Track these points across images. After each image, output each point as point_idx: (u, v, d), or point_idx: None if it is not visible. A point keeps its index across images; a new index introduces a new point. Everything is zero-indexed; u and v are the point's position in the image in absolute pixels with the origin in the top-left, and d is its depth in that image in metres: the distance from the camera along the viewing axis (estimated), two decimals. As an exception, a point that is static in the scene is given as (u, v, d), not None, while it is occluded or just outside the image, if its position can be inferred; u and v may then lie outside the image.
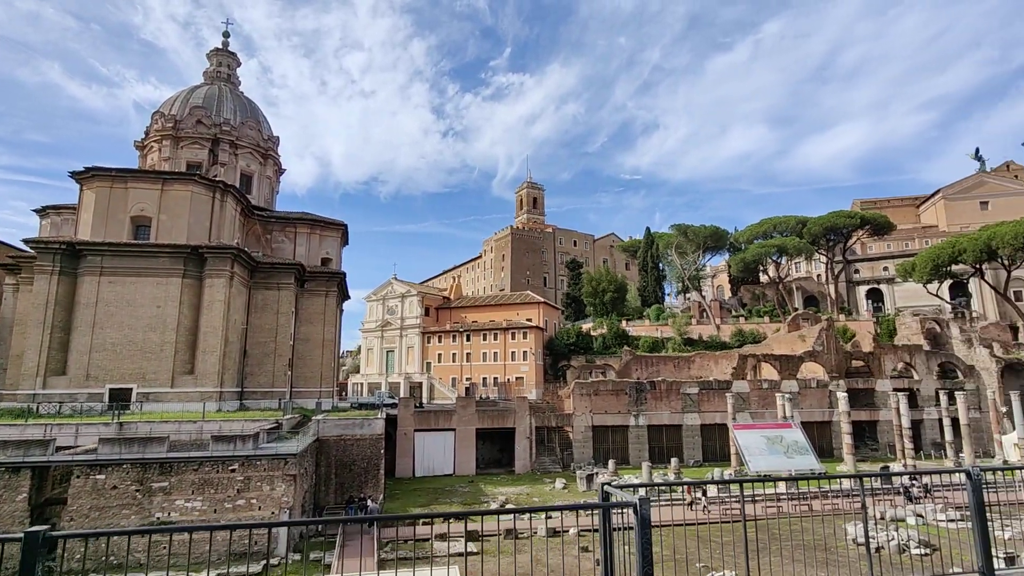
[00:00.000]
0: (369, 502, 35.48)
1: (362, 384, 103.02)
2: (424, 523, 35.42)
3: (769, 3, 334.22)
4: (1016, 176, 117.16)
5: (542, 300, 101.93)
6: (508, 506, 39.59)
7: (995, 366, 62.35)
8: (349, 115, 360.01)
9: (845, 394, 48.63)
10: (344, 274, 66.62)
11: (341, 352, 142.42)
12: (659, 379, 60.59)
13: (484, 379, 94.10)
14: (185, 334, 50.72)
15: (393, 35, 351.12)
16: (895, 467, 48.93)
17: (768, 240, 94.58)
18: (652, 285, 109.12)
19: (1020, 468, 6.90)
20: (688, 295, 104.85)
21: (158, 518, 28.22)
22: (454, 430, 53.97)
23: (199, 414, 41.69)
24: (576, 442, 56.24)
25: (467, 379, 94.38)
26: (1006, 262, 73.87)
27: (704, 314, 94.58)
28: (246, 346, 56.98)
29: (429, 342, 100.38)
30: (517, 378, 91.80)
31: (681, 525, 28.83)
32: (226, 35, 77.33)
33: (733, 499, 37.43)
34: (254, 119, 71.94)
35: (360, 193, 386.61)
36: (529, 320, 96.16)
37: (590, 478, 43.81)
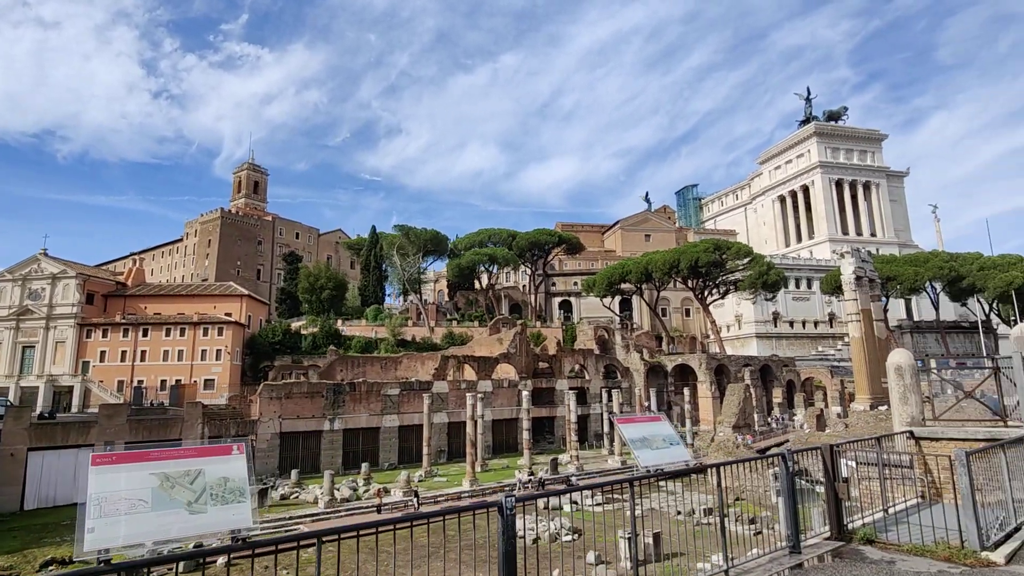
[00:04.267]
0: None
1: (-22, 390, 77.77)
2: (-1, 576, 26.27)
3: (507, 38, 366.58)
4: (669, 217, 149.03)
5: (246, 293, 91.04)
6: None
7: (643, 368, 75.54)
8: (16, 45, 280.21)
9: (528, 393, 52.69)
10: (-63, 239, 48.52)
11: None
12: (361, 380, 58.04)
13: (163, 382, 79.47)
14: None
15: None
16: (564, 458, 54.72)
17: (482, 249, 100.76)
18: (373, 285, 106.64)
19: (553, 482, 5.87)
20: (408, 297, 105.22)
21: None
22: (92, 446, 42.94)
23: None
24: (260, 452, 49.94)
25: (139, 381, 78.61)
26: (657, 284, 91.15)
27: (420, 316, 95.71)
28: None
29: (90, 336, 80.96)
30: (208, 380, 79.73)
31: (371, 534, 26.38)
32: None
33: (407, 501, 37.16)
34: None
35: (27, 148, 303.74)
36: (228, 315, 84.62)
37: (263, 493, 38.71)
